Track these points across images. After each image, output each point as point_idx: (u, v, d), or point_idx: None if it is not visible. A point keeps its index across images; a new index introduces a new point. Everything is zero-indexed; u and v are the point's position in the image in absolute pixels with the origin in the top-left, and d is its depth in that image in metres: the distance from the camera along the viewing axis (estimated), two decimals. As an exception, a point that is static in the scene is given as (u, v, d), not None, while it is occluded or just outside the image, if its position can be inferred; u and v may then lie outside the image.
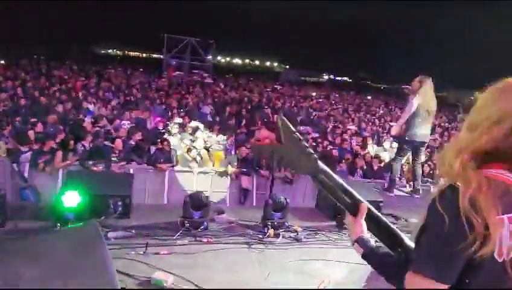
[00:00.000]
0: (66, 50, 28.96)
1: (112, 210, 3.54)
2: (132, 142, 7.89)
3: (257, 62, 77.14)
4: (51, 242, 2.33)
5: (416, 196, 5.75)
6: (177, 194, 6.33)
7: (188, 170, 7.70)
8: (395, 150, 10.69)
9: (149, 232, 3.50)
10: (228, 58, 66.16)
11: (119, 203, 3.58)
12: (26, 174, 6.14)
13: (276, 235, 3.73)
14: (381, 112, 17.97)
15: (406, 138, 5.54)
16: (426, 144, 5.70)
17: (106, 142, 7.60)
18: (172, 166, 7.61)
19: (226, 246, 3.47)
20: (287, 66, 68.57)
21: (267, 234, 3.71)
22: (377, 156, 9.26)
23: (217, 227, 3.81)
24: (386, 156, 9.78)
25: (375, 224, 1.23)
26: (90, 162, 6.42)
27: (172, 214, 4.11)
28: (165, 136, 8.39)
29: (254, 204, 7.74)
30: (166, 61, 25.51)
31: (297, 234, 3.81)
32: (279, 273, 3.09)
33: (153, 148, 7.92)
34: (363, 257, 1.20)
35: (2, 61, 17.00)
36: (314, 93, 21.20)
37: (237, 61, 71.31)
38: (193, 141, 8.71)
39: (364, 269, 3.23)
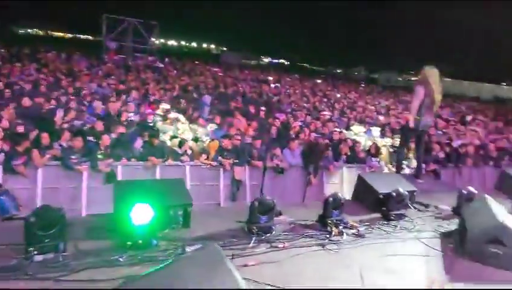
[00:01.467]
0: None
1: (174, 221, 3.27)
2: (114, 136, 7.33)
3: (194, 44, 75.22)
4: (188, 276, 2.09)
5: (420, 181, 6.10)
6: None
7: (180, 164, 7.37)
8: (366, 135, 11.27)
9: (221, 242, 3.30)
10: (162, 41, 63.56)
11: (180, 212, 3.31)
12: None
13: (340, 233, 3.75)
14: (338, 95, 18.59)
15: (411, 126, 5.82)
16: (426, 132, 6.03)
17: (90, 138, 6.96)
18: (164, 160, 7.26)
19: (302, 250, 3.41)
20: (225, 48, 67.83)
21: (333, 233, 3.71)
22: (357, 141, 9.64)
23: (280, 230, 3.72)
24: (362, 141, 10.20)
25: None
26: (74, 160, 5.94)
27: (224, 218, 3.94)
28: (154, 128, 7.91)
29: (248, 195, 7.71)
30: (106, 44, 23.65)
31: (358, 231, 3.86)
32: (375, 273, 3.12)
33: (138, 142, 7.42)
34: None
35: None
36: (270, 78, 21.22)
37: (173, 43, 68.80)
38: (178, 133, 8.35)
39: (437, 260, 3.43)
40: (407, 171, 6.72)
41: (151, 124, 8.23)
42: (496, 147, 10.75)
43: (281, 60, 73.46)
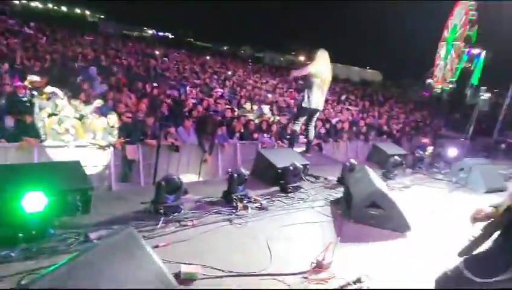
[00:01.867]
0: None
1: (74, 207, 2.99)
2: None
3: (64, 8, 66.58)
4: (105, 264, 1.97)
5: (308, 155, 6.68)
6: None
7: (61, 144, 6.71)
8: (257, 112, 11.73)
9: (125, 225, 3.14)
10: (24, 1, 54.69)
11: (78, 197, 3.04)
12: None
13: (245, 208, 3.92)
14: (229, 73, 18.79)
15: (303, 105, 6.31)
16: (319, 111, 6.58)
17: None
18: (41, 140, 6.52)
19: (210, 226, 3.47)
20: (102, 16, 61.93)
21: (238, 208, 3.86)
22: (249, 119, 10.00)
23: (187, 208, 3.70)
24: (253, 118, 10.63)
25: None
26: None
27: (124, 200, 3.75)
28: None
29: (142, 175, 7.47)
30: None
31: (261, 204, 4.08)
32: (280, 241, 3.37)
33: (8, 120, 6.49)
34: None
35: None
36: (157, 52, 20.22)
37: (37, 5, 59.80)
38: (57, 110, 7.53)
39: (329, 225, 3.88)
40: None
41: (23, 99, 7.19)
42: (365, 123, 12.35)
43: (166, 34, 70.43)
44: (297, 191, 4.69)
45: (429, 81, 38.29)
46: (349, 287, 2.71)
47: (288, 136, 10.01)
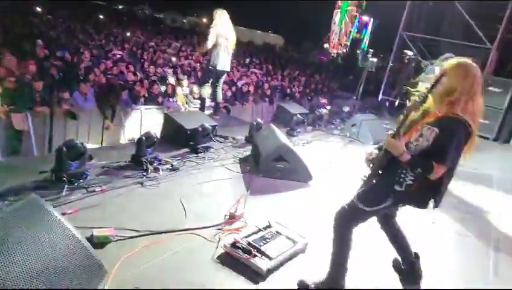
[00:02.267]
0: None
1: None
2: None
3: None
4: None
5: (216, 117, 6.76)
6: None
7: None
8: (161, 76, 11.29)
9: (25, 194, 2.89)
10: None
11: None
12: None
13: (156, 170, 3.88)
14: (128, 34, 17.48)
15: (210, 67, 6.27)
16: (226, 72, 6.58)
17: None
18: None
19: (121, 190, 3.38)
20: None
21: (149, 170, 3.80)
22: (154, 82, 9.62)
23: (93, 174, 3.52)
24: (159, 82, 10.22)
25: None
26: None
27: (14, 170, 3.42)
28: None
29: (34, 146, 6.83)
30: None
31: (172, 165, 4.07)
32: (193, 199, 3.44)
33: None
34: (410, 159, 2.02)
35: None
36: (39, 8, 17.76)
37: None
38: None
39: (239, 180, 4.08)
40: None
41: None
42: (269, 86, 12.80)
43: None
44: (207, 151, 4.77)
45: (326, 46, 40.67)
46: (260, 233, 2.93)
47: (196, 100, 9.92)
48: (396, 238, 2.55)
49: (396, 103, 11.13)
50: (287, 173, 4.30)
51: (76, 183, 3.24)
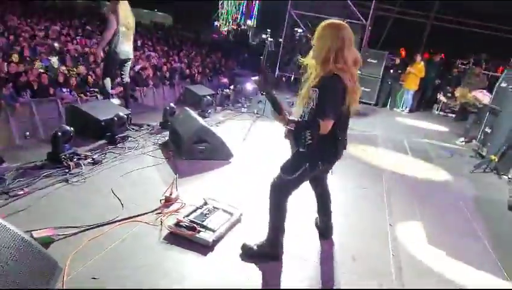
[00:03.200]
0: None
1: None
2: None
3: None
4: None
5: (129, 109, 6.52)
6: None
7: None
8: (42, 64, 10.29)
9: None
10: None
11: None
12: None
13: (78, 165, 3.77)
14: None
15: (113, 56, 5.95)
16: (130, 59, 6.31)
17: None
18: None
19: (46, 190, 3.24)
20: None
21: (71, 167, 3.67)
22: (42, 72, 8.80)
23: (10, 178, 3.29)
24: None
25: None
26: None
27: None
28: None
29: None
30: None
31: (93, 159, 3.98)
32: (124, 189, 3.48)
33: None
34: (296, 125, 2.46)
35: None
36: None
37: None
38: None
39: (165, 166, 4.20)
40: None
41: None
42: (168, 68, 12.59)
43: None
44: (125, 140, 4.72)
45: (216, 24, 40.67)
46: (199, 210, 3.16)
47: (92, 89, 9.34)
48: (321, 199, 3.07)
49: (292, 78, 12.00)
50: (209, 154, 4.54)
51: (-8, 190, 3.02)
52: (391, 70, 10.98)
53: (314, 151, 2.49)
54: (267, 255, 2.75)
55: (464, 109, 8.51)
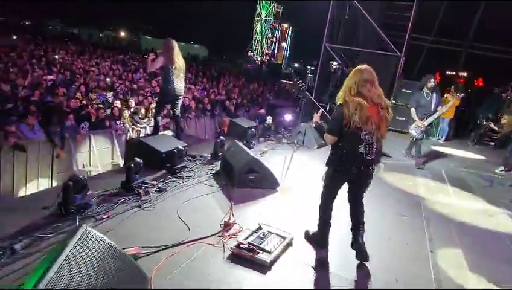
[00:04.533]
0: None
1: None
2: None
3: None
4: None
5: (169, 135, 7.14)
6: None
7: None
8: (100, 99, 11.25)
9: (47, 230, 3.21)
10: None
11: None
12: None
13: (146, 193, 4.31)
14: (57, 57, 16.72)
15: (169, 93, 6.55)
16: (181, 96, 6.91)
17: None
18: None
19: (125, 215, 3.78)
20: None
21: (142, 194, 4.22)
22: (99, 107, 9.69)
23: (94, 203, 3.86)
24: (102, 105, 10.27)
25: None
26: None
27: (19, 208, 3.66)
28: None
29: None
30: None
31: (158, 187, 4.52)
32: (188, 214, 3.96)
33: None
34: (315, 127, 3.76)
35: None
36: None
37: None
38: None
39: (220, 193, 4.65)
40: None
41: None
42: (209, 100, 13.36)
43: None
44: (183, 170, 5.26)
45: (250, 54, 42.04)
46: (255, 234, 3.58)
47: (141, 120, 10.15)
48: (354, 207, 3.56)
49: (328, 108, 12.41)
50: (258, 182, 4.98)
51: (84, 214, 3.58)
52: (426, 100, 11.14)
53: (329, 158, 3.42)
54: (317, 242, 3.65)
55: (507, 137, 8.54)
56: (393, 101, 11.48)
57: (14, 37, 22.01)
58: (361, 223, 3.48)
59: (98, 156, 8.91)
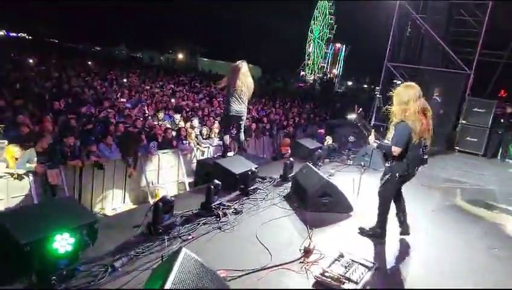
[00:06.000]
0: None
1: (84, 241, 3.10)
2: None
3: None
4: None
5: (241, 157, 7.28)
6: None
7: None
8: (167, 120, 11.77)
9: (138, 250, 3.39)
10: None
11: (85, 231, 3.16)
12: None
13: (224, 214, 4.41)
14: (125, 80, 17.98)
15: (230, 114, 6.69)
16: (243, 117, 7.00)
17: None
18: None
19: (206, 236, 3.89)
20: None
21: (220, 215, 4.33)
22: (167, 127, 10.16)
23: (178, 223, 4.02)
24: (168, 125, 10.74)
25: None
26: None
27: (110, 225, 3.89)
28: None
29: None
30: None
31: (235, 209, 4.61)
32: (266, 237, 3.99)
33: None
34: (378, 145, 4.15)
35: None
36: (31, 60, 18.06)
37: None
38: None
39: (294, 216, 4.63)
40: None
41: None
42: (268, 120, 13.53)
43: (21, 34, 62.28)
44: (255, 192, 5.33)
45: (302, 73, 42.21)
46: (338, 262, 3.50)
47: (205, 140, 10.49)
48: (398, 203, 4.31)
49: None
50: (332, 206, 4.91)
51: (170, 234, 3.73)
52: (501, 120, 10.43)
53: (393, 167, 3.97)
54: (380, 236, 4.23)
55: None
56: (463, 121, 10.86)
57: (89, 63, 23.97)
58: (404, 210, 4.34)
59: (164, 174, 9.33)
